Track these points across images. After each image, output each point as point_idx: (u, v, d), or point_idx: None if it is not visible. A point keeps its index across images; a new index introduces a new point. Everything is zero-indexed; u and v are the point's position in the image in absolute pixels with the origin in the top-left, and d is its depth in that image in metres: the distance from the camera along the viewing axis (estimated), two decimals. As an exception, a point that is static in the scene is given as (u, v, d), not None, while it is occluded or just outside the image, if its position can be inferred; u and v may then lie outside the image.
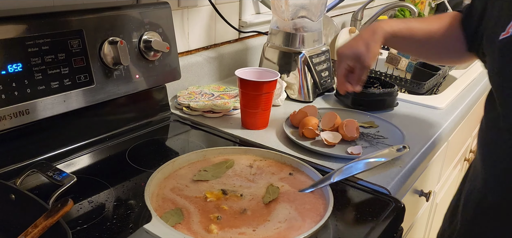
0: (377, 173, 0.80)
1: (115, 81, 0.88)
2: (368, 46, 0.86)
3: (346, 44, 0.91)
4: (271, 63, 1.18)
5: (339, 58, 0.91)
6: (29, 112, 0.75)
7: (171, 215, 0.61)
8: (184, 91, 1.12)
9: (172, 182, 0.70)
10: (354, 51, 0.88)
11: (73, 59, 0.80)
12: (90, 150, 0.86)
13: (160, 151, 0.90)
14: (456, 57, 0.92)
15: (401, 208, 0.73)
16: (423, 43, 0.91)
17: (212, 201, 0.65)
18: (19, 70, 0.73)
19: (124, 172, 0.79)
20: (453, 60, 1.01)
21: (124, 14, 0.89)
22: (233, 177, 0.72)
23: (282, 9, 1.13)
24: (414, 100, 1.19)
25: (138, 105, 0.97)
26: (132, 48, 0.90)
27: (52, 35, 0.77)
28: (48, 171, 0.64)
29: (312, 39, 1.17)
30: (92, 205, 0.69)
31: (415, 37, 0.89)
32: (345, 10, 1.93)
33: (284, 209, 0.64)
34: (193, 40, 1.21)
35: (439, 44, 0.90)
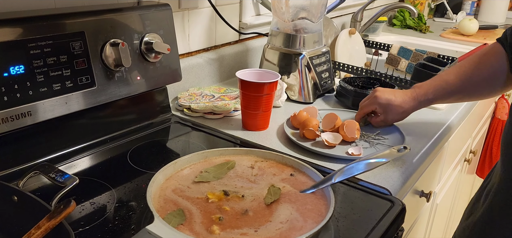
0: (378, 174, 0.80)
1: (116, 83, 0.88)
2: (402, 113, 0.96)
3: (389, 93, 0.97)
4: (271, 65, 1.18)
5: (373, 101, 0.98)
6: (31, 114, 0.75)
7: (173, 216, 0.61)
8: (185, 93, 1.13)
9: (174, 183, 0.70)
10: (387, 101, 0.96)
11: (75, 61, 0.81)
12: (91, 152, 0.86)
13: (161, 153, 0.91)
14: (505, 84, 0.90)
15: (402, 208, 0.73)
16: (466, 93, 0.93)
17: (214, 202, 0.66)
18: (21, 72, 0.73)
19: (126, 174, 0.79)
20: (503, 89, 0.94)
21: (125, 16, 0.89)
22: (235, 178, 0.73)
23: (282, 10, 1.14)
24: (414, 101, 1.19)
25: (139, 107, 0.98)
26: (133, 50, 0.90)
27: (54, 37, 0.77)
28: (51, 173, 0.65)
29: (312, 40, 1.17)
30: (94, 207, 0.69)
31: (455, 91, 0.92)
32: (345, 11, 1.93)
33: (286, 209, 0.64)
34: (194, 42, 1.22)
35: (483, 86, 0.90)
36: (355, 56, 1.53)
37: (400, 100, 0.95)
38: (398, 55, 1.54)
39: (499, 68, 0.87)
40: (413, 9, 1.76)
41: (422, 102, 0.95)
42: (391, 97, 0.96)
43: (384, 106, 0.96)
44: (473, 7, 2.56)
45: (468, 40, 2.05)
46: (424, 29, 2.21)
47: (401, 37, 2.10)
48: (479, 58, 0.91)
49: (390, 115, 0.96)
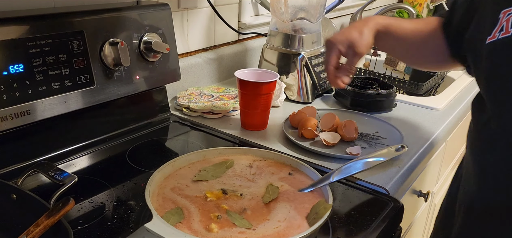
0: (376, 173, 0.81)
1: (115, 82, 0.89)
2: (362, 33, 0.83)
3: (337, 32, 0.86)
4: (270, 65, 1.19)
5: (330, 46, 0.85)
6: (30, 112, 0.75)
7: (171, 214, 0.61)
8: (183, 92, 1.13)
9: (173, 182, 0.70)
10: (347, 36, 0.83)
11: (74, 60, 0.81)
12: (90, 151, 0.86)
13: (160, 152, 0.91)
14: (440, 62, 0.88)
15: (400, 208, 0.74)
16: (409, 43, 0.88)
17: (212, 200, 0.66)
18: (20, 71, 0.73)
19: (125, 173, 0.80)
20: (438, 65, 0.96)
21: (125, 15, 0.89)
22: (233, 177, 0.73)
23: (281, 10, 1.14)
24: (413, 101, 1.19)
25: (138, 106, 0.98)
26: (133, 49, 0.91)
27: (53, 36, 0.78)
28: (49, 171, 0.65)
29: (311, 40, 1.18)
30: (92, 205, 0.69)
31: (403, 33, 0.87)
32: (343, 12, 1.93)
33: (284, 208, 0.65)
34: (193, 42, 1.22)
35: (424, 46, 0.87)
36: (354, 57, 1.54)
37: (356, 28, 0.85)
38: (396, 55, 1.54)
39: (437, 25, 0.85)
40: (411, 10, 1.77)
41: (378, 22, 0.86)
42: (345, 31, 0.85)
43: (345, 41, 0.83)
44: (471, 8, 2.56)
45: (467, 41, 2.05)
46: (423, 30, 2.22)
47: (400, 38, 2.10)
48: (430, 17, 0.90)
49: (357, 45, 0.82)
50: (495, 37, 0.65)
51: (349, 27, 0.85)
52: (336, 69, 0.84)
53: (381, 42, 0.89)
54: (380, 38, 0.86)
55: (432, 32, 0.85)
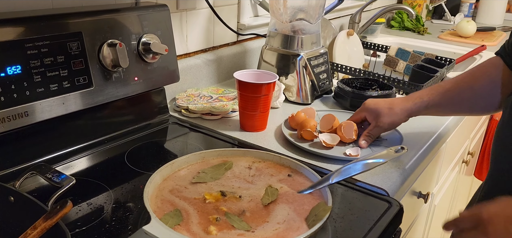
0: (375, 175, 0.80)
1: (114, 84, 0.88)
2: (392, 110, 0.90)
3: (377, 99, 0.94)
4: (269, 66, 1.18)
5: (361, 107, 0.94)
6: (28, 114, 0.75)
7: (170, 216, 0.61)
8: (182, 94, 1.13)
9: (171, 183, 0.70)
10: (377, 106, 0.91)
11: (72, 61, 0.81)
12: (89, 153, 0.86)
13: (159, 154, 0.91)
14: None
15: (400, 209, 0.73)
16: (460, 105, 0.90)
17: (211, 202, 0.66)
18: (18, 73, 0.73)
19: (123, 174, 0.79)
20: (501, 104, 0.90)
21: (123, 16, 0.89)
22: (232, 178, 0.72)
23: (280, 11, 1.14)
24: (412, 102, 1.19)
25: (137, 108, 0.98)
26: (131, 51, 0.90)
27: (51, 38, 0.77)
28: (47, 173, 0.64)
29: (310, 41, 1.18)
30: (91, 207, 0.69)
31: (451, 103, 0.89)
32: (343, 12, 1.93)
33: (283, 210, 0.64)
34: (192, 43, 1.22)
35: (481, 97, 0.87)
36: (353, 58, 1.54)
37: (390, 102, 0.92)
38: (396, 56, 1.54)
39: (497, 76, 0.85)
40: (411, 11, 1.77)
41: (416, 103, 0.90)
42: (380, 101, 0.92)
43: (373, 110, 0.92)
44: (471, 9, 2.56)
45: (466, 42, 2.05)
46: (422, 30, 2.22)
47: (399, 38, 2.10)
48: (476, 67, 0.90)
49: (381, 117, 0.90)
50: None
51: (386, 100, 0.93)
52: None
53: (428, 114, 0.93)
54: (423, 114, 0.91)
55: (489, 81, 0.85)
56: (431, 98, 0.90)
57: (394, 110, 0.90)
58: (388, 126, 0.90)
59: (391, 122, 0.90)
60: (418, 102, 0.90)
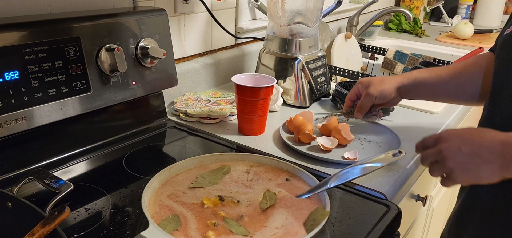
0: (373, 178, 0.80)
1: (112, 88, 0.88)
2: (383, 81, 0.92)
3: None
4: (267, 69, 1.19)
5: (356, 84, 0.97)
6: (26, 119, 0.75)
7: (168, 222, 0.61)
8: (181, 97, 1.13)
9: (169, 188, 0.70)
10: (370, 79, 0.93)
11: (70, 66, 0.81)
12: (87, 157, 0.86)
13: (157, 158, 0.91)
14: None
15: (398, 212, 0.73)
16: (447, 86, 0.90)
17: (209, 207, 0.66)
18: (16, 78, 0.73)
19: (121, 179, 0.79)
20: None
21: (121, 21, 0.89)
22: (230, 183, 0.73)
23: (278, 15, 1.14)
24: (410, 105, 1.19)
25: (135, 112, 0.98)
26: (129, 55, 0.90)
27: (49, 43, 0.77)
28: (45, 179, 0.64)
29: (308, 44, 1.18)
30: (89, 213, 0.69)
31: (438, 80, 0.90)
32: (341, 15, 1.94)
33: (281, 214, 0.64)
34: (190, 47, 1.22)
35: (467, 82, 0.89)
36: (351, 60, 1.54)
37: (382, 77, 0.95)
38: (394, 59, 1.54)
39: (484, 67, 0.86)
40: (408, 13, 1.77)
41: (405, 77, 0.92)
42: (373, 77, 0.96)
43: (365, 82, 0.94)
44: (468, 11, 2.57)
45: (464, 44, 2.06)
46: (420, 33, 2.22)
47: (397, 41, 2.11)
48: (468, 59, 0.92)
49: (371, 86, 0.91)
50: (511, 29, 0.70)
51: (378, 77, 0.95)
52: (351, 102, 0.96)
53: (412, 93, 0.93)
54: (409, 89, 0.92)
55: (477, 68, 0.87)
56: (421, 74, 0.92)
57: (384, 81, 0.92)
58: (378, 94, 0.91)
59: (381, 91, 0.91)
60: (407, 76, 0.92)
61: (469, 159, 0.63)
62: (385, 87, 0.91)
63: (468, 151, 0.63)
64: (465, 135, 0.64)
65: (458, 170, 0.64)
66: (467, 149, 0.63)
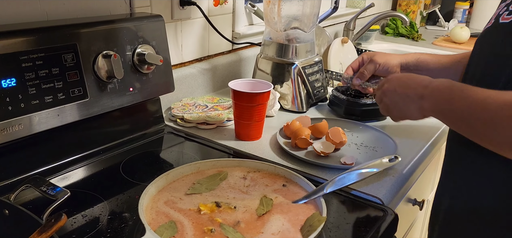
0: (370, 183, 0.81)
1: (109, 94, 0.88)
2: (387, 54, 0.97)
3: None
4: (264, 74, 1.19)
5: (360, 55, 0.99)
6: (22, 126, 0.75)
7: (165, 228, 0.61)
8: (178, 103, 1.13)
9: (166, 195, 0.70)
10: (375, 52, 0.97)
11: (67, 73, 0.81)
12: (84, 164, 0.86)
13: (154, 164, 0.91)
14: None
15: (394, 217, 0.74)
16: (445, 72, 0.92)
17: (206, 213, 0.66)
18: (13, 85, 0.73)
19: (118, 185, 0.79)
20: None
21: (118, 27, 0.89)
22: (227, 189, 0.73)
23: (274, 20, 1.14)
24: (406, 109, 1.20)
25: (132, 118, 0.98)
26: (126, 61, 0.91)
27: (46, 50, 0.77)
28: (42, 186, 0.64)
29: (305, 50, 1.18)
30: (86, 219, 0.69)
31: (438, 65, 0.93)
32: (337, 20, 1.94)
33: (278, 220, 0.65)
34: (187, 52, 1.22)
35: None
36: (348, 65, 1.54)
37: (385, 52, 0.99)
38: (390, 63, 1.54)
39: None
40: (405, 18, 1.78)
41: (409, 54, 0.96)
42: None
43: (370, 53, 0.97)
44: (464, 15, 2.59)
45: (460, 48, 2.07)
46: (416, 37, 2.24)
47: (393, 45, 2.12)
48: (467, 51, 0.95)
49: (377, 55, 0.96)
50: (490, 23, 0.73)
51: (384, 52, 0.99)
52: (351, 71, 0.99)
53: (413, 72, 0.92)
54: (411, 68, 0.95)
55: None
56: (423, 56, 0.95)
57: (389, 55, 0.96)
58: (382, 62, 0.95)
59: (386, 61, 0.95)
60: (411, 55, 0.96)
61: (400, 98, 0.75)
62: (390, 58, 0.95)
63: (401, 92, 0.75)
64: (402, 79, 0.76)
65: (392, 106, 0.77)
66: (400, 90, 0.75)
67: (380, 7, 2.34)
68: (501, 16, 0.69)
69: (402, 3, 2.44)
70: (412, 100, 0.72)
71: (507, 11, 0.68)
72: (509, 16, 0.67)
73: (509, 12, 0.68)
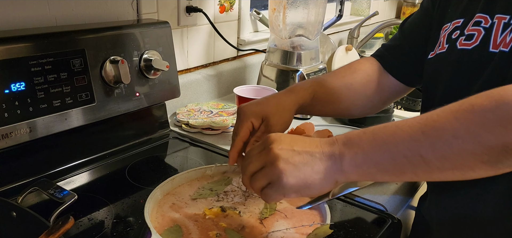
0: (373, 190, 0.81)
1: (115, 99, 0.90)
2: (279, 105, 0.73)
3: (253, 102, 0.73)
4: (269, 81, 1.20)
5: (240, 115, 0.71)
6: (31, 130, 0.76)
7: (170, 232, 0.62)
8: (183, 109, 1.14)
9: (172, 199, 0.71)
10: (263, 108, 0.71)
11: (75, 78, 0.82)
12: (90, 167, 0.87)
13: (160, 168, 0.91)
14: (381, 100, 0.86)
15: (398, 224, 0.74)
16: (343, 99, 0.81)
17: (211, 218, 0.66)
18: (22, 89, 0.74)
19: (124, 189, 0.80)
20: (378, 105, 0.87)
21: (125, 33, 0.90)
22: (232, 194, 0.73)
23: (279, 27, 1.15)
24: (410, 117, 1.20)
25: (138, 123, 0.99)
26: (133, 67, 0.92)
27: (55, 55, 0.79)
28: (49, 189, 0.65)
29: (309, 57, 1.19)
30: (92, 222, 0.69)
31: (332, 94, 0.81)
32: (341, 28, 1.95)
33: (281, 225, 0.65)
34: (193, 58, 1.23)
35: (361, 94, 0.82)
36: (352, 72, 1.55)
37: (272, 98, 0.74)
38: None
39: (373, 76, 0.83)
40: (409, 26, 1.78)
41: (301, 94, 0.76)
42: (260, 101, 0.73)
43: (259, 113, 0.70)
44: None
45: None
46: (421, 45, 2.24)
47: (397, 53, 2.12)
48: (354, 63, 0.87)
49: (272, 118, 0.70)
50: (435, 53, 0.71)
51: (267, 98, 0.74)
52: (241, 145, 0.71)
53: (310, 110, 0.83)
54: (307, 108, 0.79)
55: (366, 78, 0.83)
56: (315, 89, 0.78)
57: (282, 105, 0.73)
58: (282, 126, 0.72)
59: (284, 121, 0.73)
60: (302, 93, 0.77)
61: (301, 158, 0.53)
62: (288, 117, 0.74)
63: (300, 149, 0.53)
64: (294, 137, 0.56)
65: (289, 171, 0.53)
66: (299, 147, 0.54)
67: (384, 15, 2.35)
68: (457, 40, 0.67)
69: (406, 11, 2.45)
70: (319, 159, 0.53)
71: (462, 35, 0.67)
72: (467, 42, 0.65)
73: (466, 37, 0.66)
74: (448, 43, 0.69)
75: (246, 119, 0.70)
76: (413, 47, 0.80)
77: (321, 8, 1.17)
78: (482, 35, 0.65)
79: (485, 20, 0.65)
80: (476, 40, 0.65)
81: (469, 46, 0.66)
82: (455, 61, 0.68)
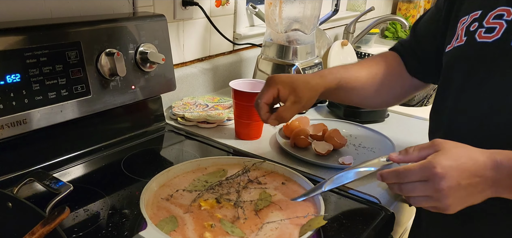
0: (367, 183, 0.82)
1: (111, 92, 0.90)
2: (308, 83, 0.78)
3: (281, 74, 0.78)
4: (265, 75, 1.20)
5: (269, 82, 0.77)
6: (26, 121, 0.76)
7: (165, 223, 0.62)
8: (179, 102, 1.14)
9: (167, 190, 0.71)
10: (293, 80, 0.77)
11: (70, 70, 0.82)
12: (86, 160, 0.87)
13: (155, 161, 0.92)
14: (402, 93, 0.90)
15: (391, 216, 0.75)
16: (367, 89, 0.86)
17: (206, 209, 0.67)
18: (17, 81, 0.74)
19: (119, 181, 0.80)
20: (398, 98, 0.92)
21: (121, 26, 0.90)
22: (227, 186, 0.74)
23: (275, 22, 1.16)
24: (405, 112, 1.21)
25: (134, 115, 0.99)
26: (129, 60, 0.92)
27: (50, 47, 0.79)
28: (45, 180, 0.65)
29: (305, 51, 1.20)
30: (87, 214, 0.70)
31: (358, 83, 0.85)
32: (337, 23, 1.96)
33: (276, 217, 0.66)
34: (188, 52, 1.23)
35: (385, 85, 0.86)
36: (348, 67, 1.55)
37: (301, 76, 0.80)
38: (389, 66, 1.56)
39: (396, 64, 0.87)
40: (404, 22, 1.79)
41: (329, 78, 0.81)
42: (291, 75, 0.79)
43: (288, 83, 0.76)
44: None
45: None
46: (416, 41, 2.25)
47: (393, 48, 2.13)
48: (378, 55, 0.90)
49: (299, 91, 0.75)
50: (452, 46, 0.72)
51: (296, 75, 0.79)
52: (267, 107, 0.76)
53: (334, 96, 0.87)
54: (331, 93, 0.83)
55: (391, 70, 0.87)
56: (343, 73, 0.83)
57: (310, 84, 0.78)
58: (307, 102, 0.77)
59: (310, 97, 0.77)
60: (328, 75, 0.82)
61: (466, 193, 0.57)
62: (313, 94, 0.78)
63: (466, 184, 0.57)
64: (460, 166, 0.57)
65: (455, 204, 0.58)
66: (465, 182, 0.57)
67: (380, 11, 2.36)
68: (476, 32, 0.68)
69: (402, 7, 2.45)
70: (481, 190, 0.58)
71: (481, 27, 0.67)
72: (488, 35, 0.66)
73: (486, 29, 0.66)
74: (466, 36, 0.69)
75: (274, 86, 0.76)
76: (430, 47, 0.82)
77: (317, 3, 1.17)
78: (504, 28, 0.65)
79: (507, 13, 0.65)
80: (497, 33, 0.65)
81: (490, 39, 0.66)
82: (474, 53, 0.68)
